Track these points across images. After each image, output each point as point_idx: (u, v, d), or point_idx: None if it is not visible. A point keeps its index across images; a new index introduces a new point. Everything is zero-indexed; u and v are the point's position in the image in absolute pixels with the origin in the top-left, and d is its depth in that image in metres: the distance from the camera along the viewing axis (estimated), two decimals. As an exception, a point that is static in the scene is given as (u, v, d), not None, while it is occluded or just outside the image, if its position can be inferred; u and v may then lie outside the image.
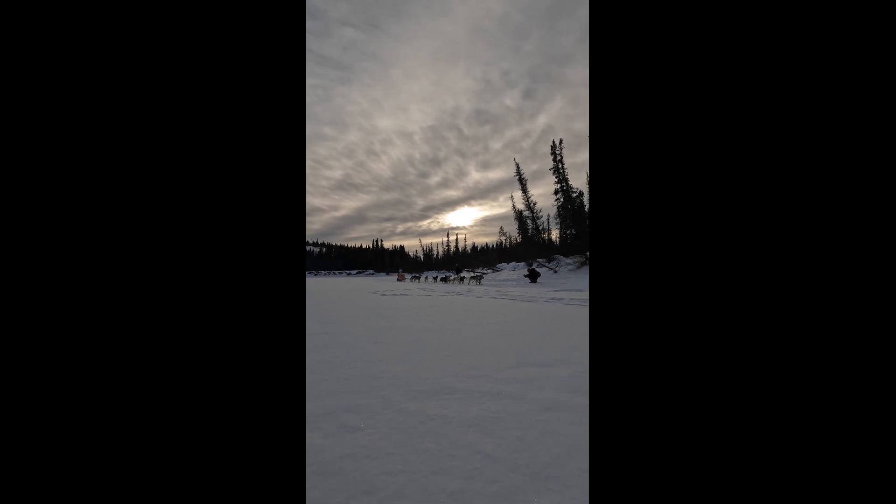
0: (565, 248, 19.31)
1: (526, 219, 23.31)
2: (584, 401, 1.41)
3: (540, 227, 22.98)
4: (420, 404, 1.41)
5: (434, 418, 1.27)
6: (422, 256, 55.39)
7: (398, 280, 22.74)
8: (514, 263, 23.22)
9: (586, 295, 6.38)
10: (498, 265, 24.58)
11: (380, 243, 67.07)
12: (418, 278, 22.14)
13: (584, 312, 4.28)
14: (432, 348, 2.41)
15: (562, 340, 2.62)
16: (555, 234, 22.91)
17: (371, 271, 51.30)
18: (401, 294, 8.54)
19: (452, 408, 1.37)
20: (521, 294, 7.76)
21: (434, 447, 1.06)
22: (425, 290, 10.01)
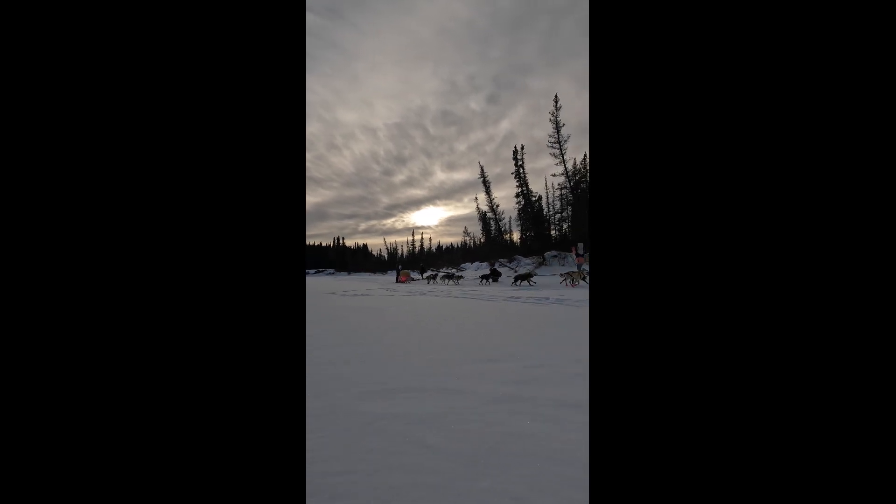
0: (525, 249, 20.20)
1: (489, 220, 23.97)
2: (529, 392, 1.52)
3: (502, 229, 23.76)
4: (375, 402, 1.41)
5: (385, 416, 1.28)
6: (386, 255, 54.40)
7: (400, 281, 16.30)
8: (477, 263, 23.72)
9: (543, 293, 6.76)
10: (462, 265, 24.96)
11: (342, 241, 64.61)
12: (434, 278, 15.12)
13: (538, 309, 4.54)
14: (389, 345, 2.41)
15: (515, 337, 2.77)
16: (516, 236, 23.87)
17: (332, 270, 49.24)
18: (362, 294, 8.33)
19: (406, 405, 1.39)
20: (483, 293, 8.00)
21: (379, 445, 1.08)
22: (388, 290, 9.87)
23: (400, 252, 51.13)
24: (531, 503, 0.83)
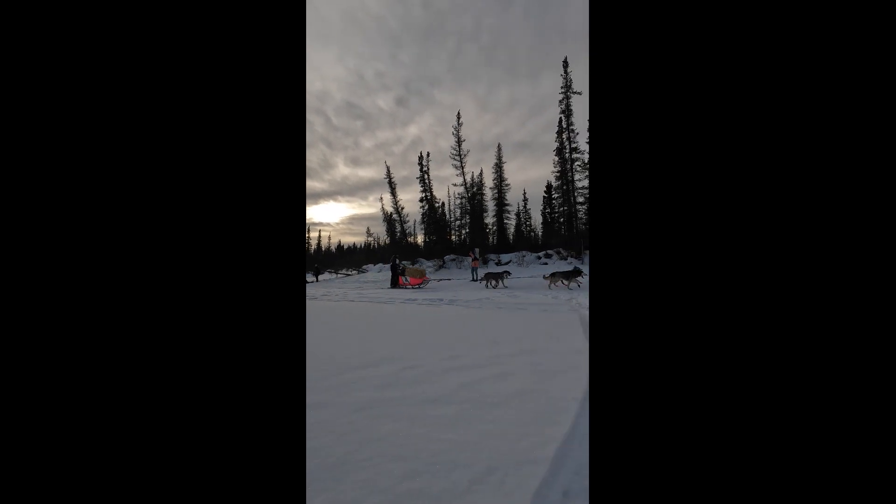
0: (428, 251, 21.04)
1: (394, 221, 23.93)
2: (392, 394, 1.67)
3: (406, 231, 24.08)
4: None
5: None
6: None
7: (395, 286, 10.32)
8: (380, 265, 23.30)
9: (437, 295, 7.22)
10: (364, 266, 24.10)
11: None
12: (499, 278, 8.29)
13: (433, 311, 4.84)
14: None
15: (402, 339, 2.92)
16: (420, 239, 24.59)
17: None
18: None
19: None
20: (380, 296, 7.97)
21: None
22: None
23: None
24: None
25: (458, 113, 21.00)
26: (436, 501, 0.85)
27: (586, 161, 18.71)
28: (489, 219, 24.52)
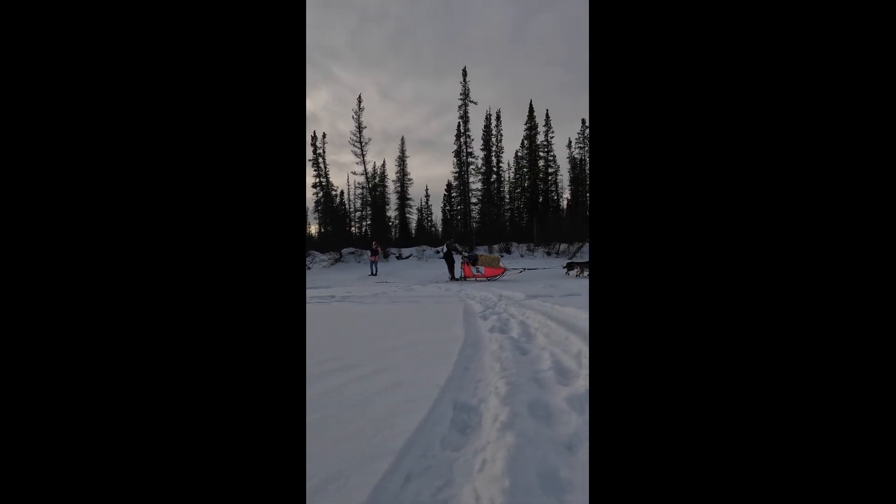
0: (322, 243, 19.26)
1: (281, 209, 20.91)
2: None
3: (298, 220, 21.44)
4: None
5: None
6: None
7: (457, 279, 8.03)
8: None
9: (330, 292, 6.68)
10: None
11: None
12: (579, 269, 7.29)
13: (321, 311, 4.44)
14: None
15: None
16: (313, 229, 22.28)
17: None
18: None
19: None
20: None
21: None
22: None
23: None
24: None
25: (360, 97, 19.85)
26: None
27: (479, 165, 20.57)
28: (392, 212, 24.22)
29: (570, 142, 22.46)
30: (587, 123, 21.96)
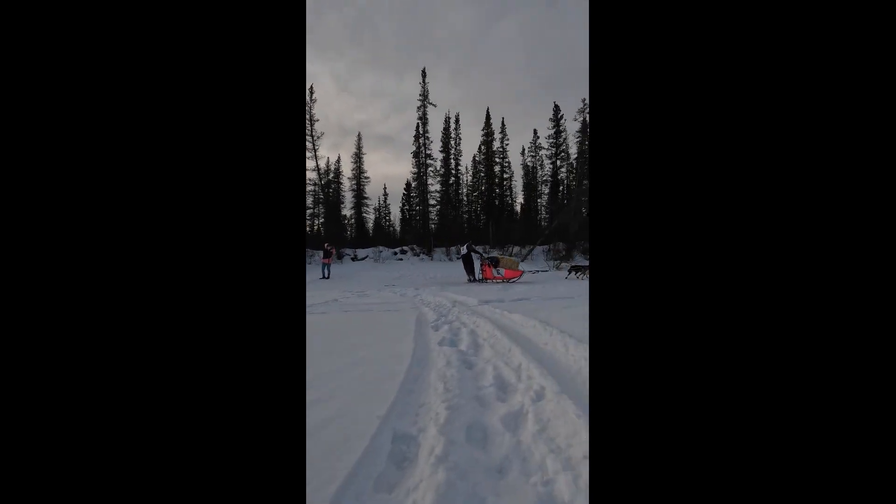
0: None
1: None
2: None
3: (240, 218, 19.63)
4: None
5: None
6: None
7: (476, 280, 7.65)
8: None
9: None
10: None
11: None
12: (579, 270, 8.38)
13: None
14: None
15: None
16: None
17: None
18: None
19: None
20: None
21: None
22: None
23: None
24: None
25: (311, 86, 18.75)
26: None
27: (438, 167, 20.68)
28: (347, 210, 23.31)
29: (523, 149, 23.63)
30: (538, 133, 23.23)
